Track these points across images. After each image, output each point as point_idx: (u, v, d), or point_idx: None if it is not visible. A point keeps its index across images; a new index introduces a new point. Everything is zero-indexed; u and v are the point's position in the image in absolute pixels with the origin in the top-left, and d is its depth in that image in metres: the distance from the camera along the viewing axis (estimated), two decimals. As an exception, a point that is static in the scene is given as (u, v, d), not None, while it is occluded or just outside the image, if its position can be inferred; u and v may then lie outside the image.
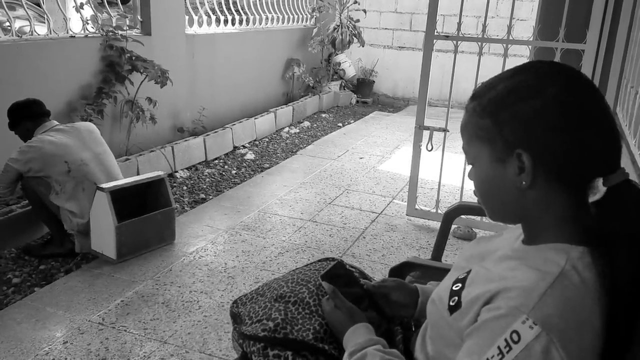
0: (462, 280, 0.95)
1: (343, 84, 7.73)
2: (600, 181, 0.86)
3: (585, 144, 0.86)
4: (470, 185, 4.20)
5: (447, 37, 3.34)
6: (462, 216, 2.85)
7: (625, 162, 1.68)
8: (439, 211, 3.58)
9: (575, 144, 0.86)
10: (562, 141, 0.85)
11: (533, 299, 0.80)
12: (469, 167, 0.99)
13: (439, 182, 3.62)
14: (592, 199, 0.89)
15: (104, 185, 2.85)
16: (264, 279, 2.79)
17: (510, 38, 3.20)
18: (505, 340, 0.79)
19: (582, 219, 0.89)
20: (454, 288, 0.96)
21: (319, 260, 1.44)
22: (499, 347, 0.79)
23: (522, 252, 0.93)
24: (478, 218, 3.45)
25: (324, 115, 6.96)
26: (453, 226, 3.08)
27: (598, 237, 0.87)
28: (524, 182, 0.88)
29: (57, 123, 3.06)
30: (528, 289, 0.81)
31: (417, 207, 3.70)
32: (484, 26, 3.22)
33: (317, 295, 1.25)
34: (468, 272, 0.97)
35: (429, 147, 3.45)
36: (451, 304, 0.93)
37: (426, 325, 1.09)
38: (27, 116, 3.00)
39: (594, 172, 0.87)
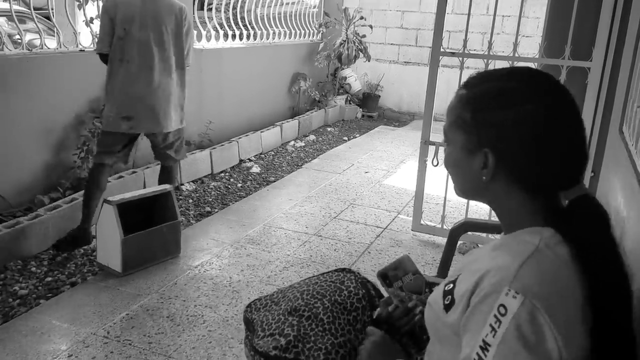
0: (453, 281, 1.00)
1: (349, 98, 7.76)
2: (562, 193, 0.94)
3: (548, 163, 0.92)
4: (475, 202, 4.15)
5: (453, 54, 3.36)
6: (468, 232, 2.84)
7: (630, 183, 1.68)
8: (445, 227, 3.57)
9: (539, 159, 0.92)
10: (527, 155, 0.92)
11: (512, 273, 0.85)
12: (445, 143, 1.06)
13: (445, 198, 3.61)
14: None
15: (110, 199, 2.86)
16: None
17: (516, 55, 3.22)
18: (495, 316, 0.83)
19: (547, 207, 0.95)
20: (446, 289, 1.00)
21: (335, 271, 1.44)
22: (490, 325, 0.83)
23: (502, 241, 0.99)
24: (484, 235, 3.44)
25: (329, 129, 6.98)
26: (459, 242, 3.07)
27: (566, 222, 0.93)
28: (484, 177, 0.96)
29: None
30: (506, 266, 0.87)
31: (422, 222, 3.69)
32: (490, 43, 3.24)
33: (331, 312, 1.25)
34: (458, 275, 1.01)
35: (435, 162, 3.45)
36: (446, 302, 0.97)
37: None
38: None
39: (553, 185, 0.94)
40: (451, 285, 0.98)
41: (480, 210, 4.05)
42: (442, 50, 3.33)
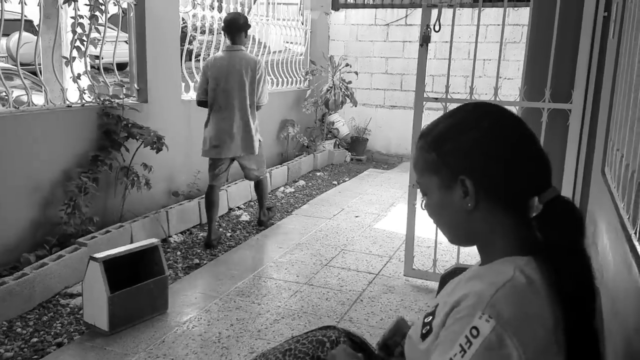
0: (432, 313, 1.02)
1: (337, 142, 7.83)
2: (536, 199, 0.98)
3: (517, 168, 0.97)
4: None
5: (436, 100, 3.41)
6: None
7: (614, 226, 1.68)
8: (437, 271, 3.55)
9: (509, 168, 0.97)
10: (497, 166, 0.97)
11: (487, 298, 0.89)
12: (423, 199, 1.12)
13: (435, 241, 3.60)
14: (533, 215, 1.01)
15: (96, 255, 2.82)
16: (259, 349, 2.72)
17: (497, 99, 3.27)
18: (466, 336, 0.86)
19: (525, 232, 0.99)
20: (425, 321, 1.03)
21: (320, 328, 1.42)
22: (460, 345, 0.86)
23: (478, 271, 1.02)
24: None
25: (318, 173, 7.01)
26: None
27: (541, 247, 0.97)
28: (469, 205, 0.99)
29: (233, 48, 4.24)
30: (482, 292, 0.91)
31: (414, 267, 3.67)
32: (471, 88, 3.30)
33: None
34: (436, 306, 1.04)
35: (423, 206, 3.45)
36: (423, 332, 1.00)
37: None
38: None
39: (528, 191, 0.99)
40: (430, 317, 1.02)
41: (472, 252, 4.03)
42: (425, 96, 3.39)
